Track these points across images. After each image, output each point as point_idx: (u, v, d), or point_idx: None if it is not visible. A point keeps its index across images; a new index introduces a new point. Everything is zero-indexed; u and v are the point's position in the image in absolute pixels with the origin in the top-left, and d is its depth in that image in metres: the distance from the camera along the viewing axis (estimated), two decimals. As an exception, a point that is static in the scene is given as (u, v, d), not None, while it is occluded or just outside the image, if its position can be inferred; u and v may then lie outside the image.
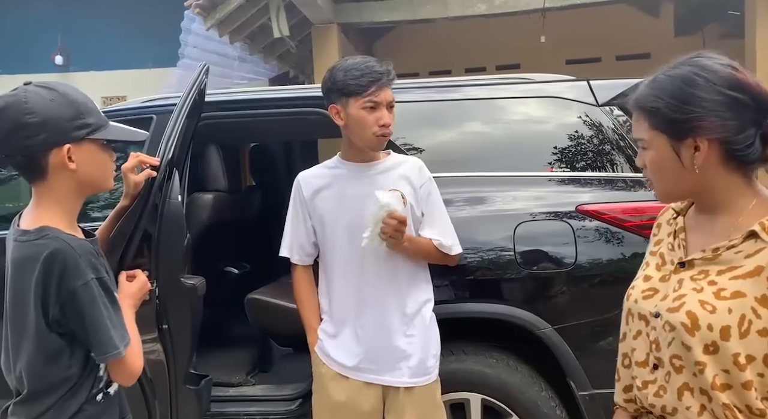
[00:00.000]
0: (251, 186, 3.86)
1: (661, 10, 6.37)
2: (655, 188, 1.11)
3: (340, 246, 1.76)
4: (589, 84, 2.37)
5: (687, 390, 1.02)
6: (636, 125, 1.09)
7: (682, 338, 1.00)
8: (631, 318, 1.13)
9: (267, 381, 2.61)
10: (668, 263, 1.11)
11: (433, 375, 1.79)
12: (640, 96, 1.07)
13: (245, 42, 5.22)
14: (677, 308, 1.02)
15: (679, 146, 1.02)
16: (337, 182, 1.79)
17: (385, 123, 1.68)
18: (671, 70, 1.04)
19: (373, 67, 1.67)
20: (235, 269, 3.25)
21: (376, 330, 1.74)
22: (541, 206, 2.22)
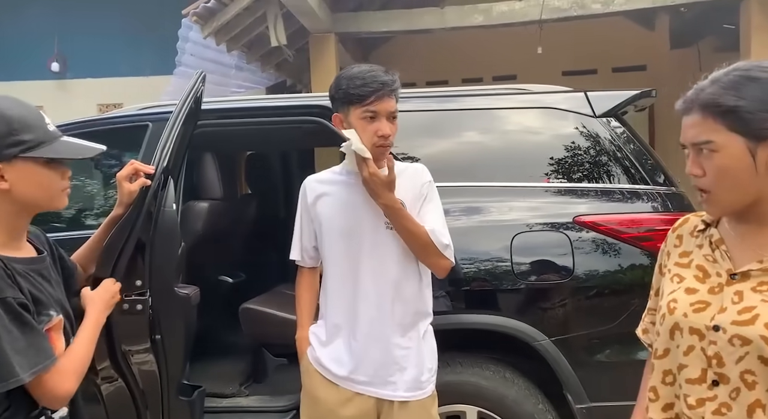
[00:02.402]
0: (247, 195, 3.85)
1: (657, 23, 6.42)
2: (713, 198, 1.04)
3: (337, 253, 1.74)
4: (587, 95, 2.37)
5: (759, 407, 0.98)
6: (699, 129, 1.02)
7: (761, 352, 0.97)
8: (679, 332, 1.07)
9: (261, 392, 2.58)
10: (714, 275, 1.07)
11: (428, 390, 1.76)
12: (710, 96, 1.01)
13: (243, 50, 5.22)
14: (750, 321, 0.98)
15: (756, 148, 0.98)
16: (338, 189, 1.76)
17: (383, 134, 1.65)
18: (742, 72, 1.01)
19: (376, 76, 1.65)
20: (229, 279, 3.23)
21: (371, 340, 1.71)
22: (538, 217, 2.21)
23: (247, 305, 2.75)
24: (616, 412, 2.08)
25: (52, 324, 1.25)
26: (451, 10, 5.09)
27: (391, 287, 1.71)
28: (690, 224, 1.17)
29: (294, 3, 4.40)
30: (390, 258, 1.71)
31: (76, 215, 3.03)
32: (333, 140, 2.56)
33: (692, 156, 1.05)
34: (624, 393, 2.12)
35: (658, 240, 2.13)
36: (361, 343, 1.71)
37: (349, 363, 1.71)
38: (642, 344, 1.33)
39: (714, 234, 1.10)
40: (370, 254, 1.70)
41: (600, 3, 4.79)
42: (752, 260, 1.03)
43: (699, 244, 1.13)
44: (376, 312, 1.70)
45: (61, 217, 2.76)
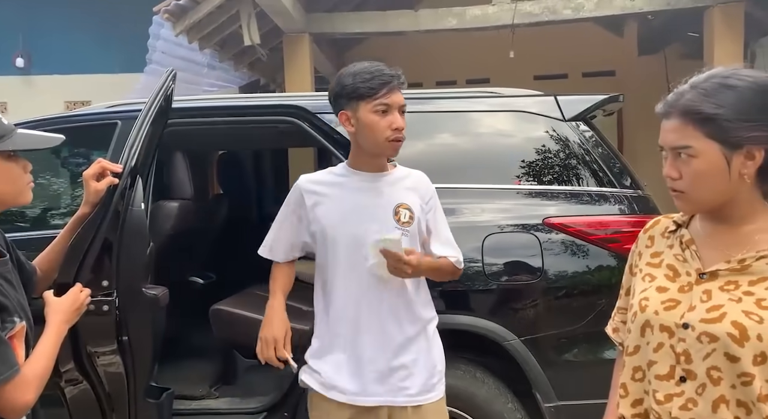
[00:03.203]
0: (218, 195, 3.81)
1: (626, 30, 6.56)
2: (687, 198, 1.07)
3: (343, 259, 1.65)
4: (557, 99, 2.41)
5: (723, 403, 1.01)
6: (678, 134, 1.05)
7: (727, 349, 1.00)
8: (649, 330, 1.10)
9: (231, 394, 2.55)
10: (684, 275, 1.10)
11: (440, 392, 1.72)
12: (690, 103, 1.04)
13: (215, 49, 5.16)
14: (717, 319, 1.01)
15: (731, 155, 1.02)
16: (343, 191, 1.69)
17: (398, 127, 1.60)
18: (721, 80, 1.04)
19: (383, 70, 1.61)
20: (200, 280, 3.19)
21: (379, 349, 1.64)
22: (509, 219, 2.24)
23: (218, 306, 2.72)
24: (584, 410, 2.12)
25: (14, 331, 1.21)
26: (425, 13, 5.12)
27: (398, 294, 1.65)
28: (661, 226, 1.20)
29: (268, 2, 4.37)
30: None
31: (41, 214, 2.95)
32: (306, 140, 2.56)
33: (670, 159, 1.08)
34: (591, 391, 2.16)
35: (625, 242, 2.20)
36: (371, 352, 1.64)
37: (361, 375, 1.64)
38: (609, 343, 1.36)
39: (685, 234, 1.13)
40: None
41: (570, 9, 4.88)
42: (721, 260, 1.06)
43: (670, 244, 1.16)
44: (385, 321, 1.63)
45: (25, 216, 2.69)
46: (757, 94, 1.02)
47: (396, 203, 1.68)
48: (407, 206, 1.68)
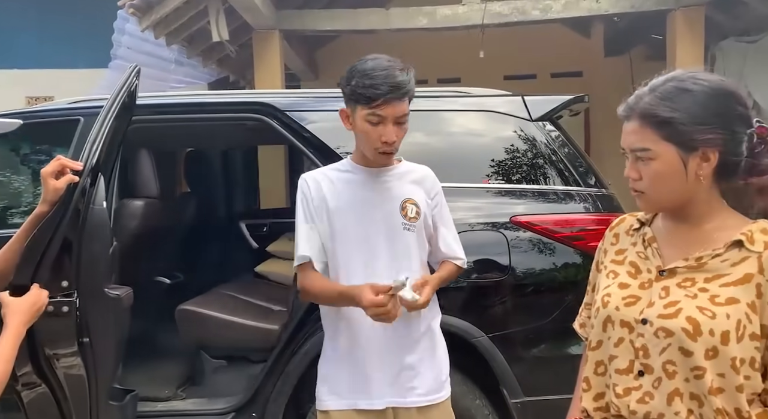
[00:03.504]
0: (186, 193, 3.74)
1: (593, 32, 6.68)
2: (647, 198, 1.10)
3: (352, 256, 1.61)
4: (524, 99, 2.44)
5: (677, 396, 1.04)
6: (637, 136, 1.08)
7: (681, 343, 1.03)
8: (611, 325, 1.12)
9: (198, 395, 2.51)
10: (645, 272, 1.13)
11: (448, 391, 1.71)
12: (648, 106, 1.07)
13: (183, 45, 5.07)
14: (674, 314, 1.04)
15: (687, 157, 1.05)
16: (349, 187, 1.64)
17: (387, 140, 1.54)
18: (677, 83, 1.06)
19: (388, 77, 1.51)
20: (167, 279, 3.14)
21: (388, 350, 1.61)
22: (478, 217, 2.26)
23: (185, 306, 2.68)
24: (550, 405, 2.16)
25: None
26: (396, 12, 5.12)
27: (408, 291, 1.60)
28: (626, 224, 1.23)
29: (237, -2, 4.32)
30: (407, 260, 1.63)
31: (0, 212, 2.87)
32: (276, 138, 2.54)
33: (631, 161, 1.11)
34: (557, 387, 2.20)
35: (590, 239, 2.24)
36: (380, 354, 1.61)
37: (370, 378, 1.61)
38: (575, 338, 1.38)
39: (647, 232, 1.16)
40: (387, 256, 1.61)
41: (539, 10, 4.94)
42: (680, 258, 1.09)
43: (633, 242, 1.19)
44: (398, 322, 1.57)
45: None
46: (711, 98, 1.05)
47: (403, 198, 1.64)
48: (414, 202, 1.65)
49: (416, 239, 1.65)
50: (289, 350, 2.26)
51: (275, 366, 2.27)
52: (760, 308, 1.02)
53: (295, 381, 2.23)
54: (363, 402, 1.61)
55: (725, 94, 1.06)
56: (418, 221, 1.64)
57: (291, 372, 2.23)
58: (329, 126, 2.43)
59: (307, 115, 2.44)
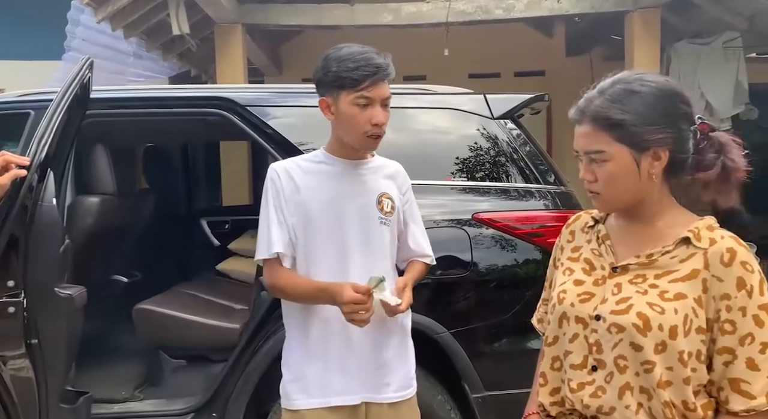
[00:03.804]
0: (144, 190, 3.65)
1: (555, 32, 6.79)
2: (603, 198, 1.13)
3: (328, 250, 1.58)
4: (486, 98, 2.46)
5: (628, 390, 1.07)
6: (590, 139, 1.10)
7: (632, 338, 1.05)
8: (566, 321, 1.15)
9: (157, 396, 2.46)
10: (599, 268, 1.16)
11: (415, 387, 1.70)
12: (599, 109, 1.09)
13: (141, 38, 4.94)
14: (625, 310, 1.07)
15: (640, 157, 1.08)
16: (323, 177, 1.60)
17: (377, 122, 1.52)
18: (625, 85, 1.09)
19: (370, 59, 1.51)
20: (124, 278, 3.05)
21: (363, 346, 1.58)
22: (442, 214, 2.27)
23: (142, 305, 2.62)
24: (510, 400, 2.19)
25: None
26: (361, 8, 5.10)
27: None
28: (582, 221, 1.26)
29: (197, -9, 4.23)
30: (382, 255, 1.62)
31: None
32: (238, 133, 2.50)
33: (585, 163, 1.13)
34: (517, 381, 2.23)
35: (549, 236, 2.28)
36: (357, 351, 1.58)
37: (344, 373, 1.58)
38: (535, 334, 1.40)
39: (601, 230, 1.19)
40: (361, 250, 1.59)
41: (502, 9, 4.99)
42: (632, 255, 1.12)
43: (588, 239, 1.22)
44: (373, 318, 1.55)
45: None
46: (659, 99, 1.08)
47: (379, 191, 1.63)
48: (389, 196, 1.64)
49: (390, 233, 1.64)
50: (250, 349, 2.24)
51: (236, 366, 2.24)
52: (706, 302, 1.05)
53: (257, 380, 2.20)
54: (337, 398, 1.58)
55: (671, 95, 1.09)
56: (392, 216, 1.64)
57: (252, 371, 2.20)
58: (292, 122, 2.40)
59: (270, 110, 2.40)
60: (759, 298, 1.04)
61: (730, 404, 1.05)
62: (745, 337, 1.04)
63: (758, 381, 1.03)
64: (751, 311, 1.04)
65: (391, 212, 1.63)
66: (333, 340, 1.58)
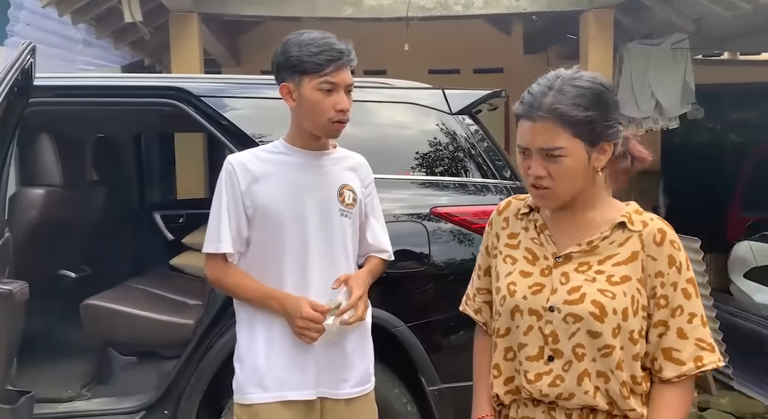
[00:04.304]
0: (94, 182, 3.52)
1: (513, 29, 6.89)
2: (552, 193, 1.13)
3: (289, 242, 1.54)
4: (444, 93, 2.47)
5: (586, 376, 1.11)
6: (548, 135, 1.10)
7: (590, 326, 1.10)
8: (519, 314, 1.17)
9: (105, 394, 2.38)
10: (542, 258, 1.18)
11: (373, 382, 1.68)
12: (558, 106, 1.09)
13: (91, 24, 4.75)
14: (579, 299, 1.11)
15: (592, 150, 1.12)
16: (283, 170, 1.56)
17: (343, 108, 1.50)
18: (575, 82, 1.11)
19: (333, 44, 1.49)
20: (72, 273, 2.94)
21: (323, 339, 1.55)
22: (401, 208, 2.28)
23: (90, 301, 2.54)
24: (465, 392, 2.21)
25: None
26: (322, 0, 5.05)
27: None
28: (513, 207, 1.28)
29: (150, -23, 4.10)
30: (342, 247, 1.60)
31: None
32: (193, 125, 2.43)
33: (538, 159, 1.12)
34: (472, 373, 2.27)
35: (505, 230, 2.32)
36: (312, 346, 1.55)
37: (302, 367, 1.56)
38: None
39: (538, 219, 1.22)
40: (321, 242, 1.56)
41: (461, 5, 5.03)
42: (571, 243, 1.16)
43: (524, 227, 1.23)
44: None
45: None
46: (608, 95, 1.13)
47: (341, 183, 1.60)
48: (351, 188, 1.61)
49: (352, 226, 1.62)
50: (204, 344, 2.19)
51: (189, 362, 2.19)
52: (644, 281, 1.12)
53: (211, 376, 2.16)
54: (293, 393, 1.56)
55: (609, 89, 1.15)
56: (354, 209, 1.62)
57: (206, 367, 2.16)
58: (250, 114, 2.36)
59: (227, 101, 2.35)
60: (686, 273, 1.12)
61: (663, 372, 1.12)
62: (675, 309, 1.11)
63: (686, 348, 1.11)
64: (680, 285, 1.12)
65: (353, 205, 1.61)
66: (289, 335, 1.56)
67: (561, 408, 1.15)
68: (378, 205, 1.75)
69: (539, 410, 1.17)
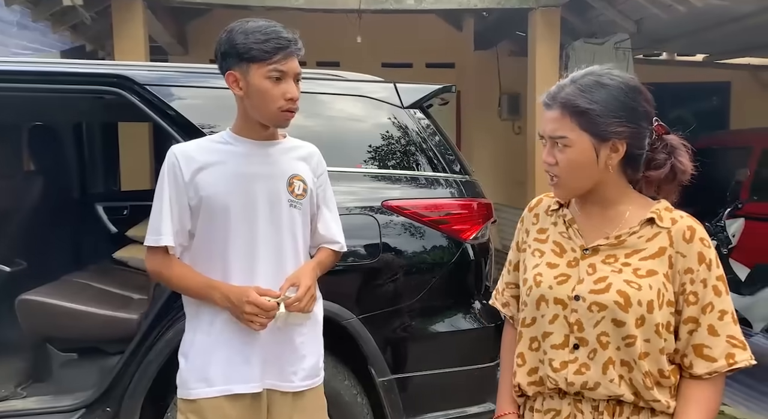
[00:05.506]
0: (31, 172, 3.36)
1: (464, 25, 6.98)
2: (560, 184, 1.19)
3: (235, 234, 1.52)
4: (396, 87, 2.48)
5: (611, 364, 1.14)
6: (557, 124, 1.15)
7: (614, 315, 1.12)
8: (545, 303, 1.20)
9: (42, 392, 2.28)
10: (569, 251, 1.22)
11: (322, 376, 1.67)
12: (569, 96, 1.14)
13: (26, 6, 4.51)
14: (605, 289, 1.14)
15: (600, 146, 1.14)
16: (230, 160, 1.53)
17: (292, 96, 1.48)
18: (596, 78, 1.16)
19: (281, 32, 1.47)
20: (6, 267, 2.80)
21: (266, 332, 1.52)
22: (353, 201, 2.27)
23: (27, 296, 2.42)
24: (413, 382, 2.24)
25: None
26: (273, -11, 4.97)
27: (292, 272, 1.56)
28: (544, 204, 1.32)
29: (92, -41, 3.92)
30: (291, 238, 1.57)
31: None
32: (136, 114, 2.35)
33: (548, 147, 1.19)
34: (422, 364, 2.30)
35: (454, 223, 2.35)
36: (258, 338, 1.53)
37: (248, 360, 1.53)
38: (438, 317, 1.42)
39: (567, 214, 1.26)
40: (268, 235, 1.54)
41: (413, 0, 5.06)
42: (599, 237, 1.20)
43: (554, 222, 1.28)
44: None
45: None
46: (624, 93, 1.15)
47: (291, 173, 1.57)
48: (301, 178, 1.58)
49: (302, 217, 1.59)
50: (149, 340, 2.13)
51: (133, 357, 2.12)
52: (672, 277, 1.15)
53: (155, 371, 2.10)
54: (239, 386, 1.54)
55: (635, 91, 1.17)
56: (304, 199, 1.59)
57: (151, 362, 2.10)
58: (197, 103, 2.30)
59: (173, 90, 2.28)
60: (716, 270, 1.15)
61: (694, 368, 1.14)
62: (706, 306, 1.14)
63: (718, 345, 1.13)
64: (711, 282, 1.14)
65: (303, 195, 1.59)
66: (236, 327, 1.53)
67: (587, 400, 1.17)
68: (331, 195, 1.73)
69: (565, 402, 1.19)
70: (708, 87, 7.57)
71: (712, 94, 7.68)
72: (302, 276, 1.55)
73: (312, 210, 1.65)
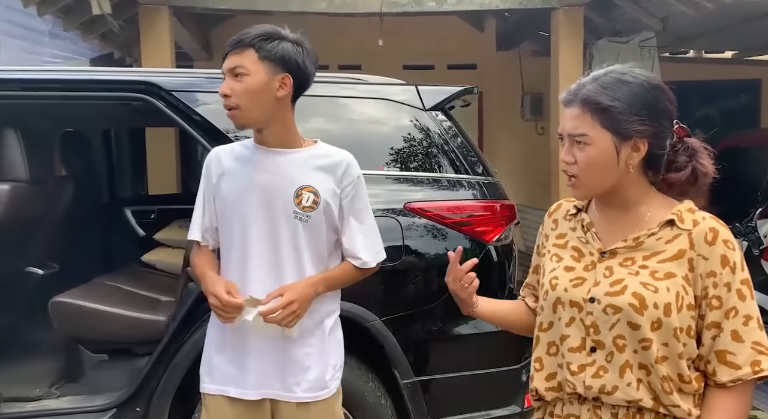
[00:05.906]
0: (63, 177, 3.45)
1: (486, 25, 6.95)
2: (578, 184, 1.16)
3: (231, 241, 1.56)
4: (417, 89, 2.49)
5: (628, 367, 1.11)
6: (577, 122, 1.13)
7: (629, 318, 1.10)
8: (561, 306, 1.18)
9: (75, 392, 2.34)
10: (587, 255, 1.20)
11: (332, 389, 1.63)
12: (590, 93, 1.12)
13: (58, 16, 4.64)
14: (620, 291, 1.12)
15: (621, 145, 1.12)
16: (242, 168, 1.56)
17: (221, 93, 1.48)
18: (618, 75, 1.14)
19: (244, 33, 1.50)
20: (39, 270, 2.88)
21: (270, 341, 1.54)
22: (375, 203, 2.27)
23: (59, 298, 2.49)
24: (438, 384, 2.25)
25: None
26: (295, -6, 5.02)
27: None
28: (563, 209, 1.31)
29: (120, -32, 4.02)
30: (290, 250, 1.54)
31: None
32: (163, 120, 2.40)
33: (567, 145, 1.16)
34: (445, 366, 2.30)
35: (477, 224, 2.34)
36: (261, 346, 1.55)
37: (249, 365, 1.56)
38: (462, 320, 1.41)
39: (585, 218, 1.24)
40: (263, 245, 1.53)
41: (434, 1, 5.05)
42: (617, 240, 1.17)
43: (572, 227, 1.26)
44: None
45: None
46: (646, 92, 1.13)
47: (300, 184, 1.53)
48: (313, 190, 1.53)
49: (309, 230, 1.54)
50: (177, 341, 2.17)
51: (161, 359, 2.17)
52: (693, 280, 1.12)
53: (183, 373, 2.15)
54: (233, 390, 1.57)
55: (657, 90, 1.15)
56: (314, 212, 1.53)
57: (179, 363, 2.15)
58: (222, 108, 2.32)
59: (198, 96, 2.32)
60: (741, 273, 1.11)
61: (717, 375, 1.11)
62: (729, 310, 1.10)
63: (742, 351, 1.09)
64: (735, 286, 1.10)
65: (313, 207, 1.53)
66: (233, 332, 1.57)
67: (606, 406, 1.14)
68: (363, 206, 1.65)
69: (584, 408, 1.17)
70: (737, 85, 7.39)
71: (742, 92, 7.51)
72: (289, 289, 1.52)
73: (332, 223, 1.59)
